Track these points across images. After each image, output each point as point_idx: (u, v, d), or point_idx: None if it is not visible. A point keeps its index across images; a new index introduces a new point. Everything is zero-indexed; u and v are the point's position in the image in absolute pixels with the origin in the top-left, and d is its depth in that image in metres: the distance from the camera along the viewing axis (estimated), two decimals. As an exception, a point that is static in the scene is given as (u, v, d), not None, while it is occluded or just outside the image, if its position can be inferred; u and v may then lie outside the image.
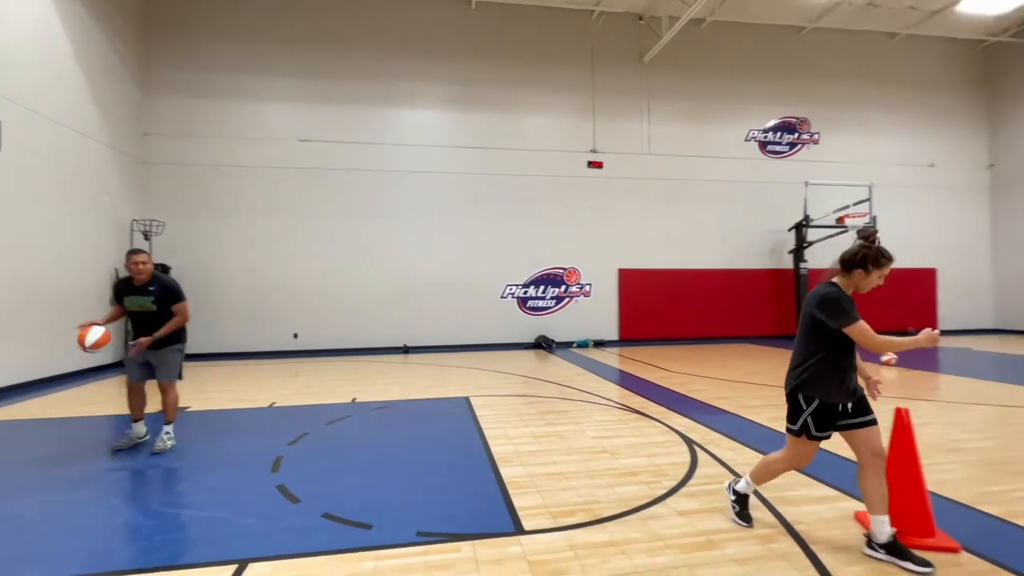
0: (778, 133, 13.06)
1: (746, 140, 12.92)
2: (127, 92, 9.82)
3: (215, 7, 10.74)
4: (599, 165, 12.21)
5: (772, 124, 13.04)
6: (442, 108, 11.64)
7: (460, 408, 5.64)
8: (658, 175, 12.45)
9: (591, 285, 12.17)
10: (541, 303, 11.98)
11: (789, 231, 12.55)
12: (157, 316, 4.13)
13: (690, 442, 4.22)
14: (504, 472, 3.56)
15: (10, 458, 4.14)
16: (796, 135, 13.13)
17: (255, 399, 6.23)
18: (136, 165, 10.09)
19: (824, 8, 12.07)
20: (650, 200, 12.42)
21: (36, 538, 2.71)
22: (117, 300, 4.25)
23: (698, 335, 12.49)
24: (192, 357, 10.12)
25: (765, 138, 13.00)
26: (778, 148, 13.06)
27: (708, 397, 6.03)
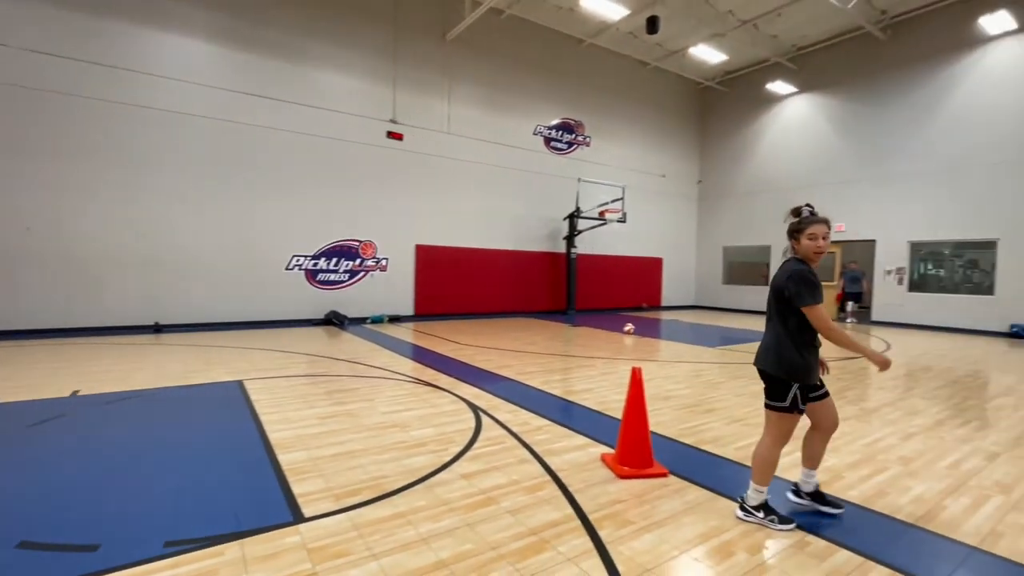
0: (560, 131, 14.68)
1: (534, 134, 14.18)
2: None
3: None
4: (399, 137, 11.90)
5: (556, 123, 14.58)
6: (212, 40, 9.70)
7: (230, 394, 4.93)
8: (456, 155, 12.77)
9: (388, 260, 11.90)
10: (333, 276, 11.23)
11: (564, 220, 14.35)
12: None
13: (476, 409, 4.53)
14: (283, 459, 3.26)
15: None
16: (574, 136, 14.97)
17: None
18: None
19: (599, 27, 13.92)
20: (448, 179, 12.68)
21: None
22: None
23: (487, 310, 13.42)
24: None
25: (550, 135, 14.48)
26: (559, 145, 14.70)
27: (493, 366, 6.55)
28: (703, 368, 6.78)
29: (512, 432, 3.91)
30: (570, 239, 14.11)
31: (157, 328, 9.15)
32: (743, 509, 2.63)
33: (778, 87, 15.33)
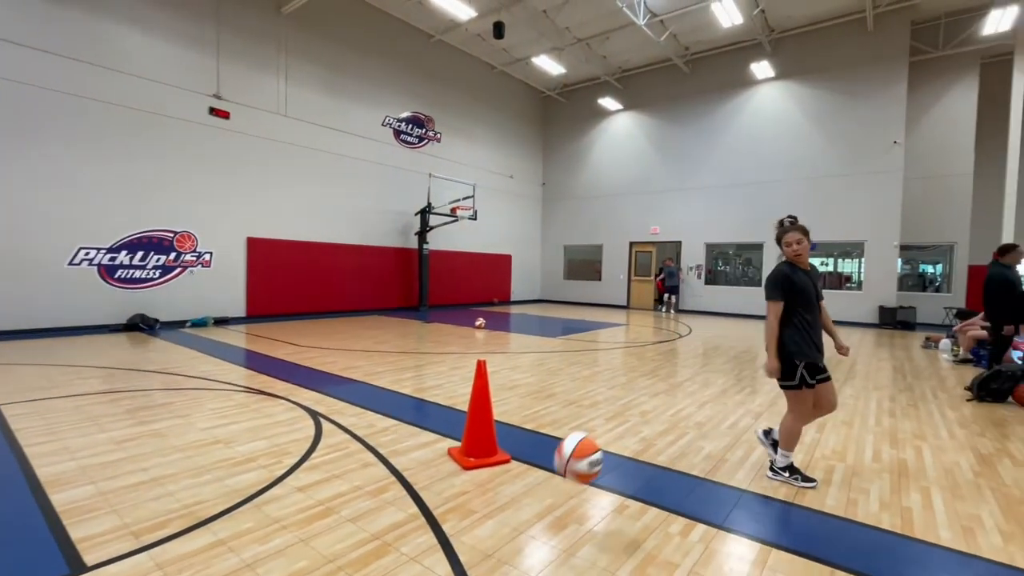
0: (410, 125, 14.40)
1: (383, 125, 13.69)
2: None
3: None
4: (225, 115, 10.48)
5: (406, 116, 14.27)
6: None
7: (-23, 425, 3.84)
8: (296, 141, 11.71)
9: (212, 254, 10.42)
10: (139, 274, 9.45)
11: (416, 215, 14.14)
12: None
13: (316, 415, 4.22)
14: (58, 499, 2.65)
15: None
16: (424, 130, 14.81)
17: None
18: None
19: (448, 25, 13.97)
20: (286, 166, 11.57)
21: None
22: None
23: (332, 308, 12.61)
24: None
25: (399, 127, 14.11)
26: (409, 139, 14.42)
27: (338, 369, 6.18)
28: (546, 357, 7.29)
29: (356, 436, 3.74)
30: (422, 235, 13.97)
31: None
32: (772, 470, 3.17)
33: (607, 103, 17.13)
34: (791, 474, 3.11)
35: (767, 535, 2.47)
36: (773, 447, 3.26)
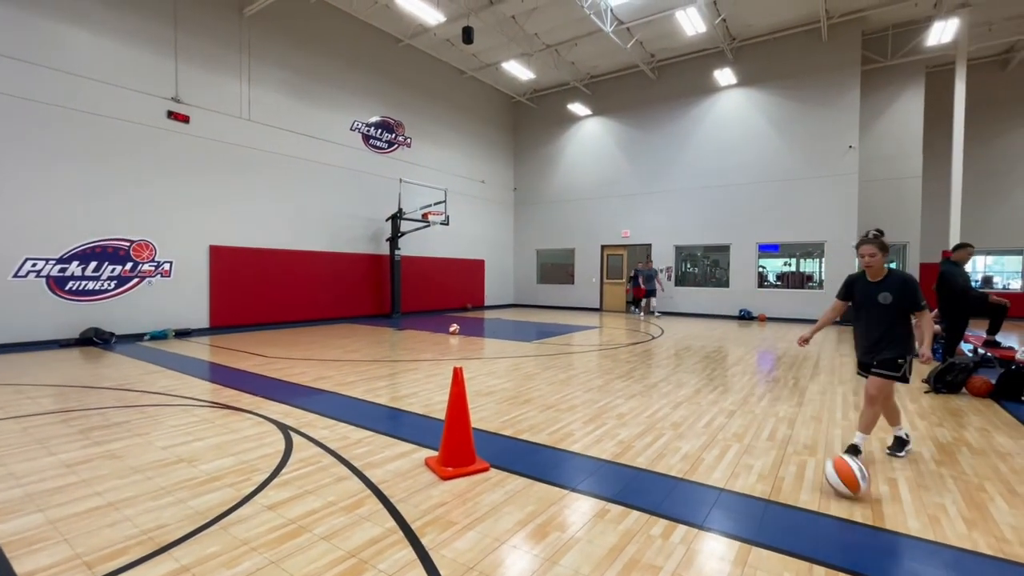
0: (379, 130, 14.21)
1: (351, 129, 13.46)
2: None
3: None
4: (184, 119, 10.10)
5: (375, 120, 14.07)
6: None
7: (-91, 452, 3.54)
8: (259, 145, 11.38)
9: (172, 263, 9.99)
10: (92, 285, 8.98)
11: (387, 221, 13.94)
12: None
13: (285, 428, 4.07)
14: (1, 529, 2.45)
15: None
16: (394, 135, 14.64)
17: None
18: None
19: (416, 30, 13.87)
20: (249, 172, 11.23)
21: None
22: None
23: (301, 318, 12.27)
24: None
25: (368, 132, 13.90)
26: (379, 144, 14.22)
27: (308, 379, 5.99)
28: (521, 362, 7.25)
29: (328, 449, 3.61)
30: (393, 240, 13.76)
31: None
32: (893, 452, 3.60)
33: (577, 108, 17.31)
34: (901, 447, 3.62)
35: (746, 533, 2.49)
36: (900, 445, 3.62)
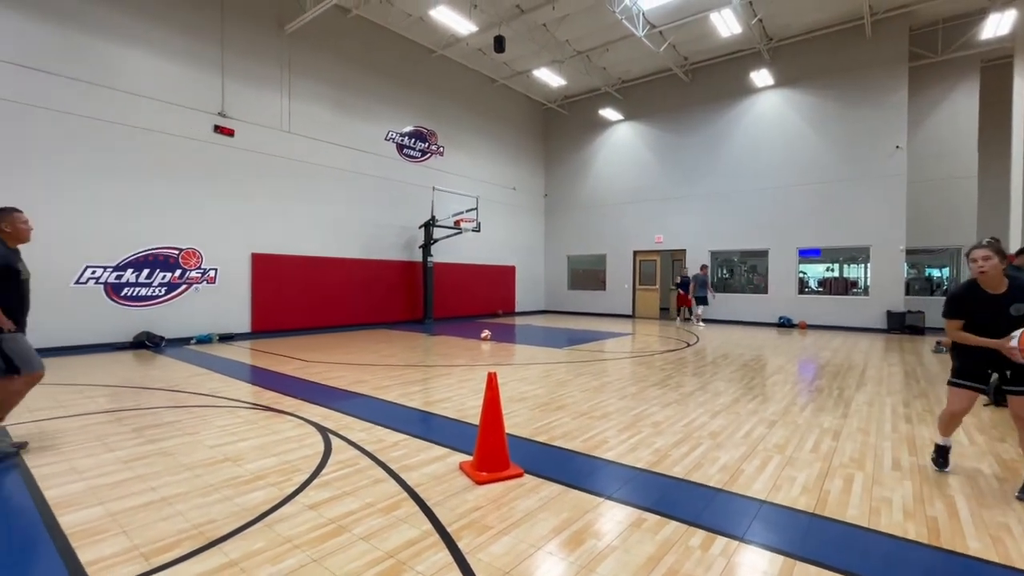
0: (413, 139, 14.51)
1: (386, 139, 13.79)
2: None
3: None
4: (229, 132, 10.57)
5: (408, 130, 14.38)
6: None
7: (-16, 446, 3.81)
8: (299, 156, 11.80)
9: (216, 271, 10.44)
10: (145, 291, 9.48)
11: (420, 228, 14.18)
12: None
13: (324, 431, 4.18)
14: (66, 520, 2.61)
15: None
16: (427, 144, 14.91)
17: None
18: None
19: (448, 40, 14.13)
20: (289, 182, 11.64)
21: None
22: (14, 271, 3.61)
23: (337, 323, 12.59)
24: None
25: (402, 141, 14.21)
26: (412, 153, 14.52)
27: (345, 383, 6.14)
28: (553, 368, 7.23)
29: (366, 451, 3.69)
30: (426, 247, 13.99)
31: None
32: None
33: (608, 113, 17.23)
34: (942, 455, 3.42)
35: (790, 547, 2.41)
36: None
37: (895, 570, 2.23)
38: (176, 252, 9.89)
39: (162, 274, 9.71)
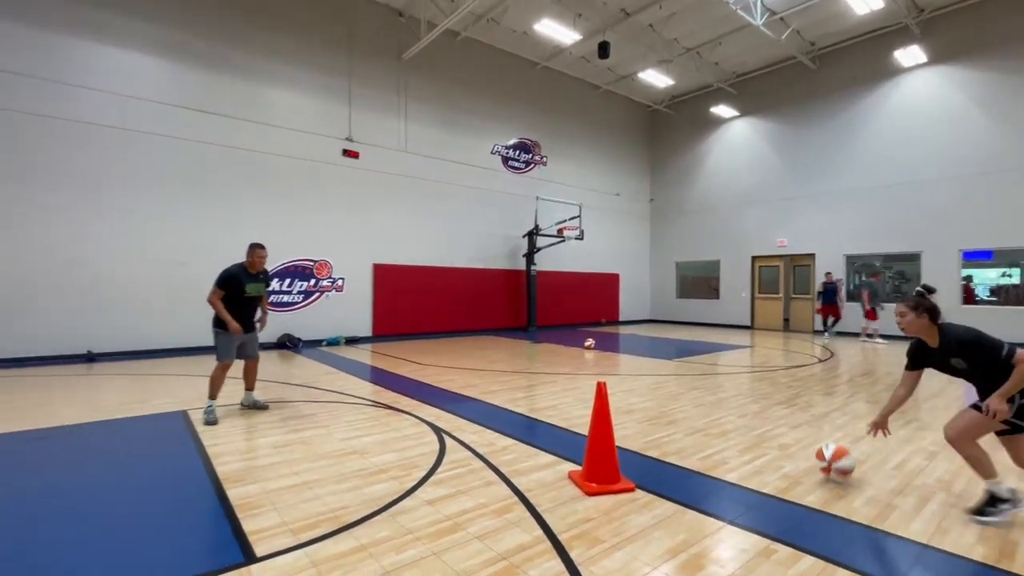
0: (517, 151, 14.89)
1: (492, 153, 14.31)
2: None
3: None
4: (355, 155, 11.71)
5: (513, 142, 14.79)
6: (160, 54, 9.28)
7: (174, 425, 4.59)
8: (414, 173, 12.68)
9: (344, 279, 11.58)
10: (286, 298, 10.80)
11: (523, 237, 14.46)
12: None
13: (439, 431, 4.40)
14: (233, 493, 3.04)
15: None
16: (531, 155, 15.21)
17: None
18: None
19: (552, 51, 14.32)
20: (406, 197, 12.56)
21: None
22: (236, 287, 4.88)
23: (447, 329, 13.25)
24: None
25: (507, 154, 14.65)
26: (517, 164, 14.89)
27: (456, 386, 6.43)
28: (662, 380, 6.91)
29: (477, 453, 3.81)
30: (530, 256, 14.22)
31: (90, 357, 8.47)
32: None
33: (721, 111, 16.19)
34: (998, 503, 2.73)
35: (965, 604, 2.03)
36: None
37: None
38: (311, 263, 11.13)
39: (300, 283, 10.98)
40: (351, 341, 11.44)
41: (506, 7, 12.06)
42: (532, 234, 14.05)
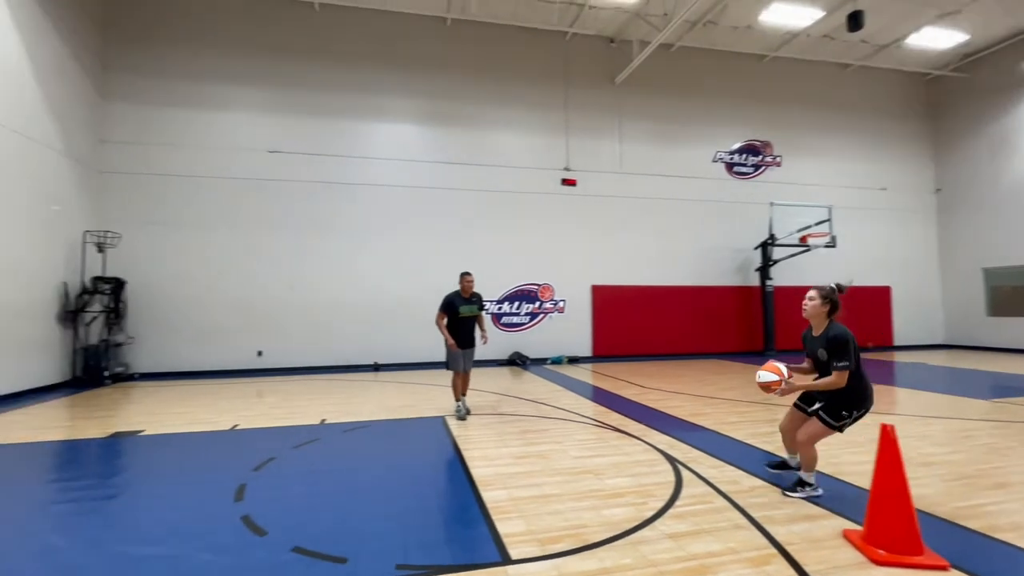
0: (743, 155, 13.52)
1: (713, 161, 13.32)
2: (83, 96, 9.33)
3: (178, 12, 10.42)
4: (573, 183, 12.33)
5: (738, 146, 13.50)
6: (414, 122, 11.57)
7: (437, 428, 5.45)
8: (630, 193, 12.66)
9: (565, 301, 12.17)
10: (515, 319, 11.89)
11: (755, 249, 12.92)
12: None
13: (673, 460, 4.16)
14: (486, 496, 3.41)
15: (-67, 492, 3.72)
16: (760, 157, 13.63)
17: (215, 421, 5.86)
18: (91, 174, 9.56)
19: (783, 39, 12.68)
20: (622, 217, 12.60)
21: (-40, 586, 2.40)
22: (453, 310, 5.92)
23: (669, 351, 12.62)
24: (146, 376, 9.55)
25: (731, 160, 13.43)
26: (744, 169, 13.51)
27: (685, 414, 6.03)
28: (973, 427, 5.21)
29: (720, 491, 3.46)
30: (764, 270, 12.60)
31: (376, 367, 10.76)
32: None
33: (1051, 59, 11.82)
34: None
35: None
36: None
37: None
38: (536, 287, 12.03)
39: (526, 305, 11.96)
40: (573, 360, 11.87)
41: (725, 5, 11.24)
42: (766, 245, 12.46)
